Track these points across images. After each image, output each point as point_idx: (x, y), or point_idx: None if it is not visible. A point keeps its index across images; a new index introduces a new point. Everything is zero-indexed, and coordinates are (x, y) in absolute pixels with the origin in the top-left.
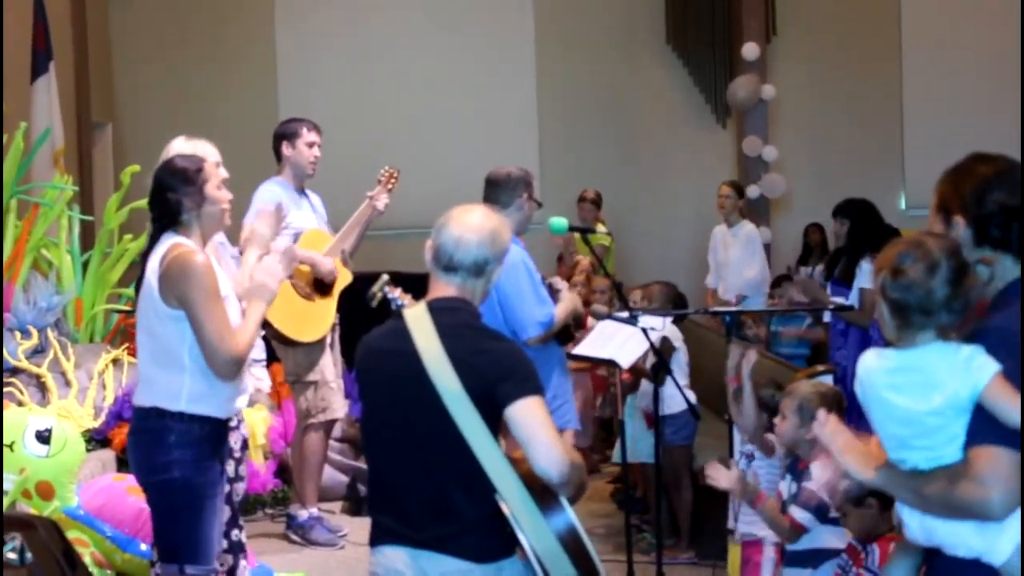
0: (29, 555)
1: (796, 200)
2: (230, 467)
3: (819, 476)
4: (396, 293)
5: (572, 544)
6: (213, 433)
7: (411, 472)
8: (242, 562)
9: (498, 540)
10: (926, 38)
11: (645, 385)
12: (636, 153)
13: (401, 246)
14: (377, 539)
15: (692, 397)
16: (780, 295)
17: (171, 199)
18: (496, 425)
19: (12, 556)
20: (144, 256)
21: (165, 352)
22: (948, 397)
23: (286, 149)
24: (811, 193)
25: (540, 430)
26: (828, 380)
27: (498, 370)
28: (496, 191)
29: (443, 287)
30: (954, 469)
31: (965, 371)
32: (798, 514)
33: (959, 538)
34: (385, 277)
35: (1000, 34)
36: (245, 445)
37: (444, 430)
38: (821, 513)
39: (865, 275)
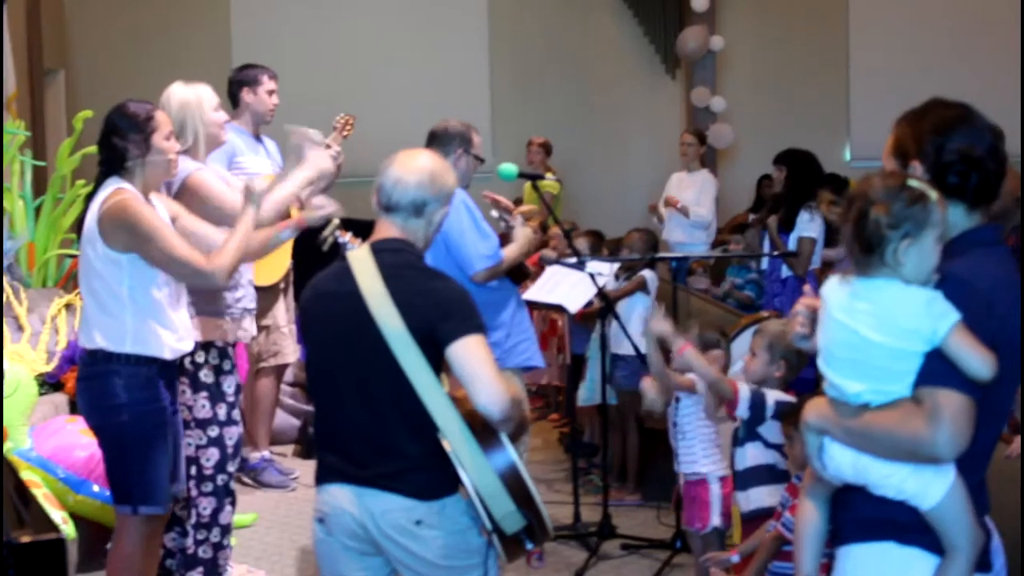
0: None
1: (743, 151)
2: (222, 410)
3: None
4: (347, 237)
5: (513, 482)
6: (160, 374)
7: (356, 411)
8: (227, 507)
9: (442, 478)
10: None
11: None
12: (587, 103)
13: (352, 194)
14: (323, 478)
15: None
16: (738, 243)
17: (117, 144)
18: (439, 364)
19: None
20: (88, 199)
21: (107, 294)
22: (904, 336)
23: (246, 96)
24: (758, 144)
25: (480, 368)
26: None
27: (439, 309)
28: (433, 143)
29: (386, 228)
30: (903, 406)
31: (926, 315)
32: (742, 387)
33: (893, 479)
34: (336, 221)
35: None
36: (239, 390)
37: (387, 369)
38: (758, 404)
39: (804, 224)
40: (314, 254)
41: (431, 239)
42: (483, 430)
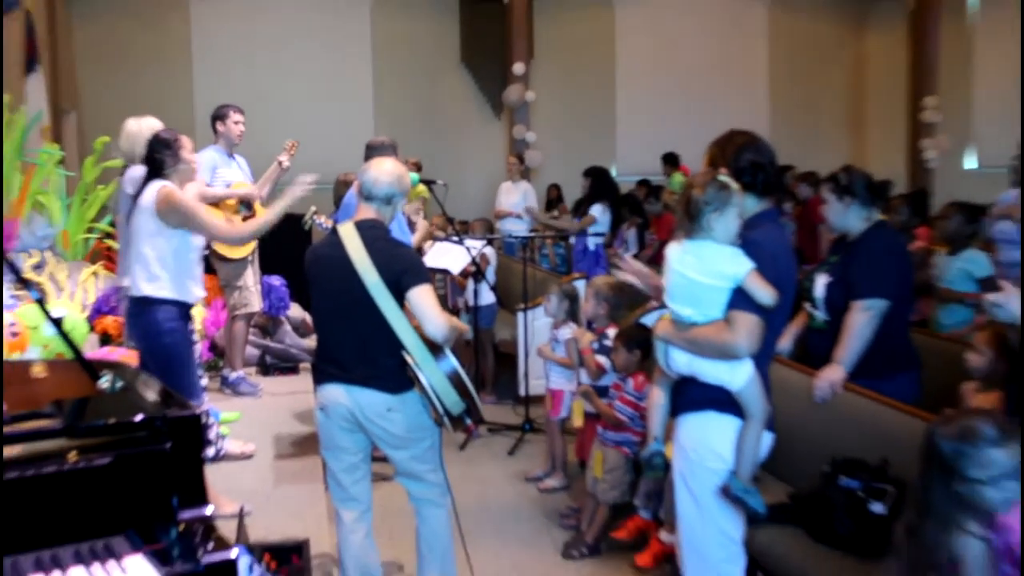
0: (120, 383)
1: (546, 168)
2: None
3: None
4: (322, 219)
5: (457, 381)
6: (184, 312)
7: (346, 335)
8: (205, 397)
9: (404, 379)
10: (634, 60)
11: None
12: (441, 137)
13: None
14: (322, 379)
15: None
16: (554, 218)
17: (158, 158)
18: (403, 303)
19: (107, 385)
20: (135, 196)
21: (154, 258)
22: (718, 277)
23: (220, 126)
24: (556, 164)
25: (429, 308)
26: (581, 284)
27: (401, 266)
28: (374, 153)
29: (366, 211)
30: (717, 323)
31: (732, 263)
32: (603, 360)
33: (714, 370)
34: (313, 208)
35: (689, 63)
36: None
37: (368, 306)
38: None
39: (596, 211)
40: (274, 237)
41: (393, 218)
42: (433, 347)
